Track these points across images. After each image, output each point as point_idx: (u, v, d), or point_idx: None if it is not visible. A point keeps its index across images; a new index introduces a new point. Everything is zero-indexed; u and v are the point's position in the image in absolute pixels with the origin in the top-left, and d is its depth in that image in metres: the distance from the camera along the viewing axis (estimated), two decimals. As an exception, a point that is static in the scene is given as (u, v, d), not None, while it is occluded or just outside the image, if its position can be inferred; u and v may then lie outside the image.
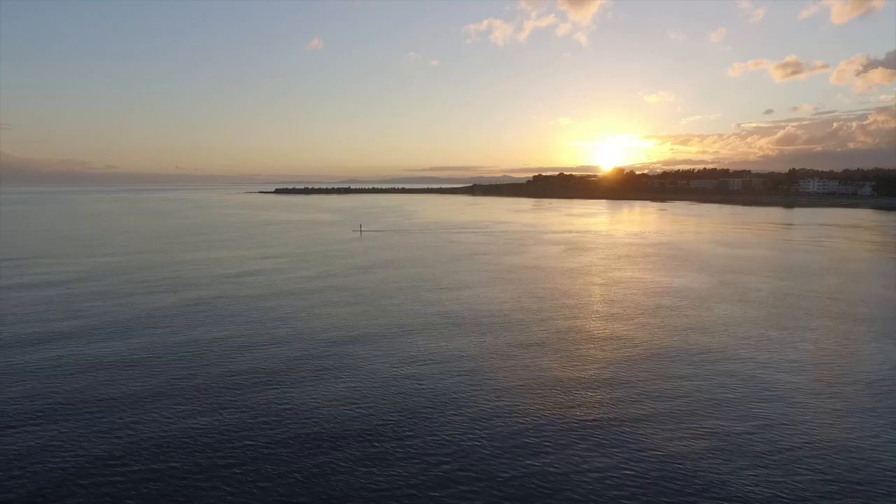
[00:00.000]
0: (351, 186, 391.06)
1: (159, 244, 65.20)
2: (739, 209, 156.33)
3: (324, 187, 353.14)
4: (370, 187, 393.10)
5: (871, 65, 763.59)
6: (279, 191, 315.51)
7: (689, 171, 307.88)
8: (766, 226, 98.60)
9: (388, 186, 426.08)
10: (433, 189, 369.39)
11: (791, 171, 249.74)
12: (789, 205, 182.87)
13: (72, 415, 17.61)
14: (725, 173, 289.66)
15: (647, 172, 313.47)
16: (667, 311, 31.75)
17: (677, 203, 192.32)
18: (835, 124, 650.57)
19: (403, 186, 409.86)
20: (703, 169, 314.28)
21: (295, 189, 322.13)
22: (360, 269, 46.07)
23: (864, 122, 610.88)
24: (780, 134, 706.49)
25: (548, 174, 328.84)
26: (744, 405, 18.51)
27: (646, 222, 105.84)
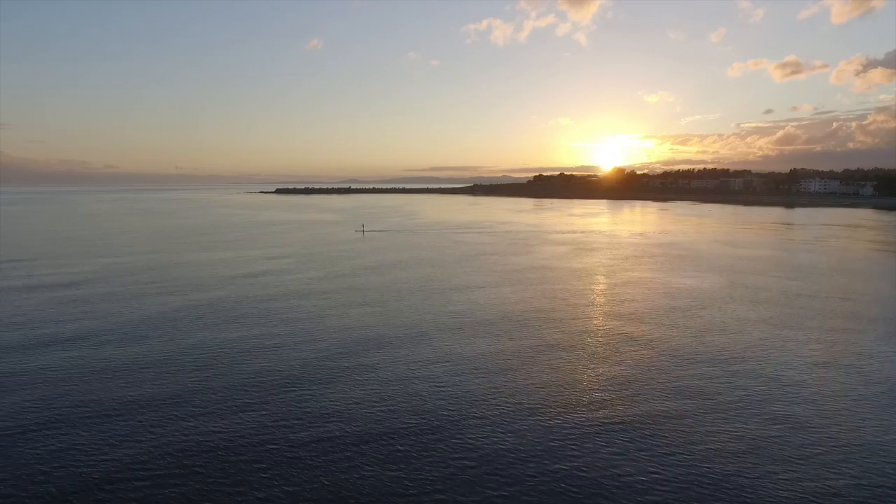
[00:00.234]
0: (351, 186, 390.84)
1: (164, 245, 64.98)
2: (741, 209, 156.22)
3: (324, 187, 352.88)
4: (371, 187, 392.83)
5: (870, 65, 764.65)
6: (280, 191, 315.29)
7: (689, 171, 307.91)
8: (769, 226, 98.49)
9: (388, 186, 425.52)
10: (434, 189, 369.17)
11: (792, 171, 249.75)
12: (790, 205, 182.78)
13: (91, 419, 17.43)
14: (726, 173, 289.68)
15: (647, 172, 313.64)
16: (680, 311, 31.59)
17: (678, 203, 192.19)
18: (834, 124, 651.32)
19: (404, 186, 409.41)
20: (704, 169, 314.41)
21: (295, 189, 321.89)
22: (369, 270, 45.89)
23: (864, 122, 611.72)
24: (779, 134, 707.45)
25: (548, 174, 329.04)
26: (769, 406, 18.35)
27: (649, 222, 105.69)
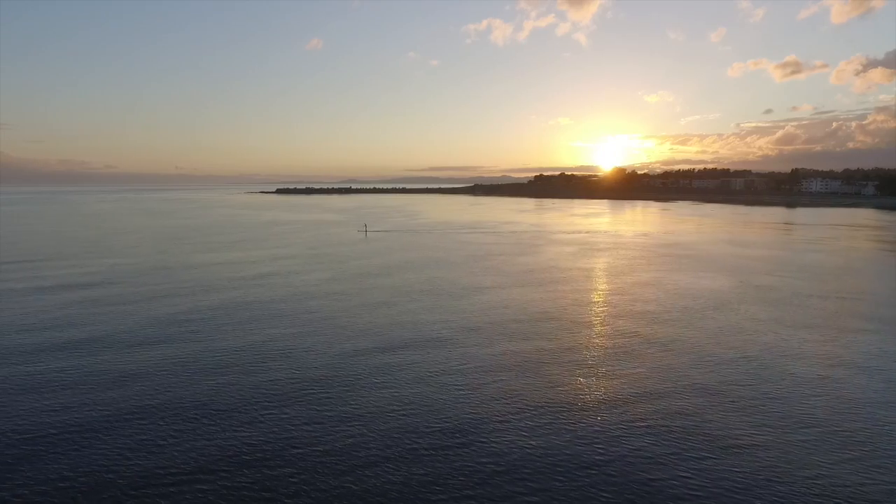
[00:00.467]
0: (352, 186, 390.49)
1: (169, 245, 64.79)
2: (743, 209, 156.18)
3: (325, 187, 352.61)
4: (371, 187, 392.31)
5: (870, 64, 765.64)
6: (280, 191, 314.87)
7: (690, 171, 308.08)
8: (772, 226, 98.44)
9: (388, 186, 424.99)
10: (434, 189, 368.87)
11: (794, 171, 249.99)
12: (792, 205, 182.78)
13: (112, 423, 17.26)
14: (726, 173, 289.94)
15: (647, 172, 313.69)
16: (694, 312, 31.43)
17: (680, 203, 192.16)
18: (834, 124, 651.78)
19: (404, 186, 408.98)
20: (704, 169, 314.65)
21: (296, 189, 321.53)
22: (377, 271, 45.72)
23: (864, 122, 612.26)
24: (779, 134, 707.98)
25: (549, 174, 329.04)
26: (791, 407, 18.19)
27: (653, 222, 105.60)
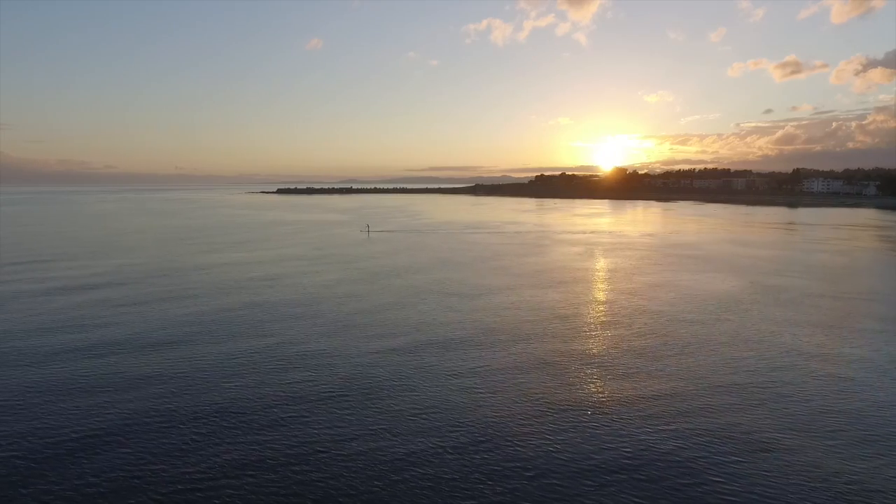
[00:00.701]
0: (353, 186, 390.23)
1: (175, 246, 64.63)
2: (746, 209, 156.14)
3: (325, 187, 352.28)
4: (372, 187, 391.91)
5: (870, 64, 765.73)
6: (281, 191, 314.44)
7: (690, 171, 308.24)
8: (776, 226, 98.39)
9: (389, 186, 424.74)
10: (435, 189, 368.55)
11: (795, 171, 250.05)
12: (794, 205, 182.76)
13: (134, 430, 17.07)
14: (727, 173, 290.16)
15: (647, 172, 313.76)
16: (710, 314, 31.28)
17: (681, 203, 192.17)
18: (834, 124, 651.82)
19: (405, 186, 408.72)
20: (705, 169, 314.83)
21: (297, 189, 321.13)
22: (387, 272, 45.57)
23: (864, 122, 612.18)
24: (779, 133, 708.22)
25: (550, 174, 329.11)
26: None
27: (657, 222, 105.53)
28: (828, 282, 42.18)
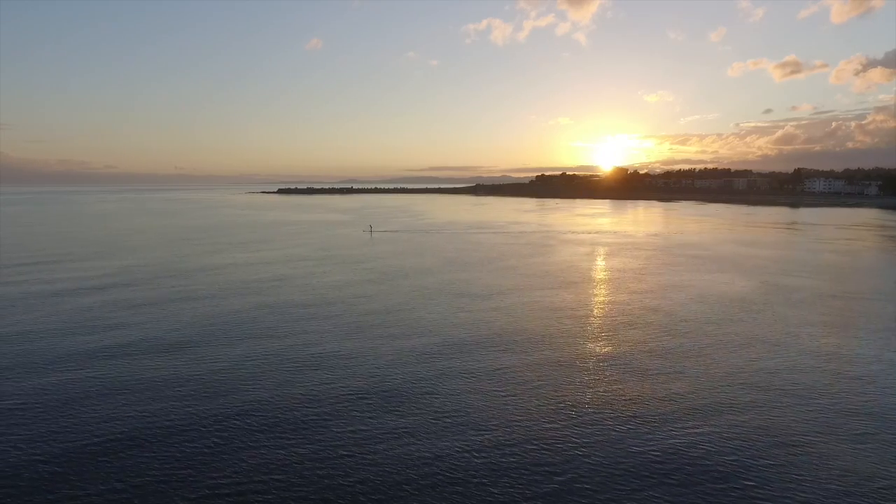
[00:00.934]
0: (353, 186, 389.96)
1: (181, 246, 64.40)
2: (748, 209, 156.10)
3: (326, 187, 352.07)
4: (372, 187, 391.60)
5: (870, 64, 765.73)
6: (282, 191, 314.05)
7: (691, 171, 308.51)
8: (781, 226, 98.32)
9: (389, 186, 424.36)
10: (436, 189, 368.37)
11: (796, 171, 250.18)
12: (795, 205, 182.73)
13: (156, 436, 16.86)
14: (728, 173, 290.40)
15: (647, 172, 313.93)
16: (725, 315, 31.12)
17: (683, 203, 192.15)
18: (833, 124, 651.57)
19: (405, 186, 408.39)
20: (705, 168, 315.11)
21: (297, 189, 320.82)
22: (396, 274, 45.38)
23: (863, 122, 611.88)
24: (778, 133, 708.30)
25: (550, 174, 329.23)
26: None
27: (660, 222, 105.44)
28: (837, 282, 42.08)
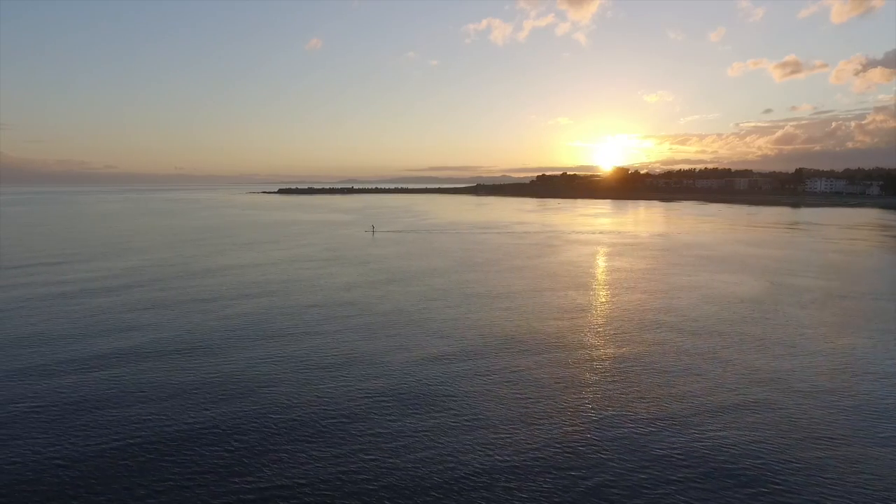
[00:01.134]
0: (354, 186, 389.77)
1: (186, 247, 64.16)
2: (749, 209, 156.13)
3: (326, 187, 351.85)
4: (373, 187, 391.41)
5: (870, 64, 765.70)
6: (282, 191, 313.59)
7: (692, 171, 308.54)
8: (785, 226, 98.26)
9: (389, 186, 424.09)
10: (437, 189, 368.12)
11: (798, 171, 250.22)
12: (797, 205, 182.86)
13: (180, 443, 16.66)
14: (728, 173, 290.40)
15: (647, 172, 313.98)
16: (739, 316, 30.96)
17: (684, 203, 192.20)
18: (833, 124, 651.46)
19: (406, 186, 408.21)
20: (705, 168, 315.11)
21: (298, 189, 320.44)
22: (406, 275, 45.19)
23: (863, 122, 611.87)
24: (778, 133, 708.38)
25: (551, 174, 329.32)
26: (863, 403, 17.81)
27: (663, 222, 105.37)
28: (846, 282, 41.98)
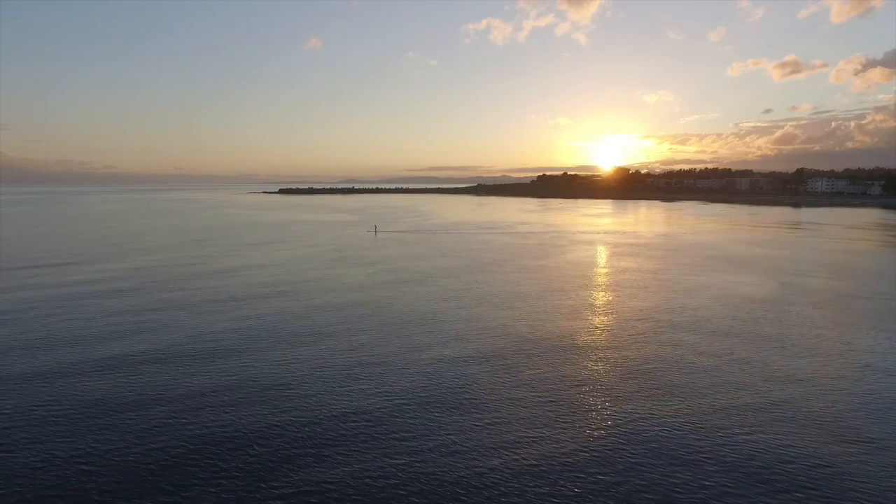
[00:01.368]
0: (354, 186, 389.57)
1: (193, 247, 64.04)
2: (751, 209, 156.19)
3: (327, 187, 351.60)
4: (374, 187, 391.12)
5: (869, 64, 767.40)
6: (283, 191, 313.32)
7: (692, 171, 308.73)
8: (789, 226, 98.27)
9: (390, 186, 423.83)
10: (438, 189, 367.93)
11: (799, 171, 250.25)
12: (798, 205, 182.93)
13: (200, 450, 16.54)
14: (729, 173, 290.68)
15: (648, 172, 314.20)
16: (752, 318, 30.89)
17: (685, 203, 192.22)
18: (833, 124, 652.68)
19: (406, 186, 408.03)
20: (705, 168, 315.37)
21: (299, 189, 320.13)
22: (416, 277, 45.07)
23: (863, 122, 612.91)
24: (778, 133, 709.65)
25: (552, 174, 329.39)
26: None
27: (667, 222, 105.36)
28: (858, 282, 41.98)
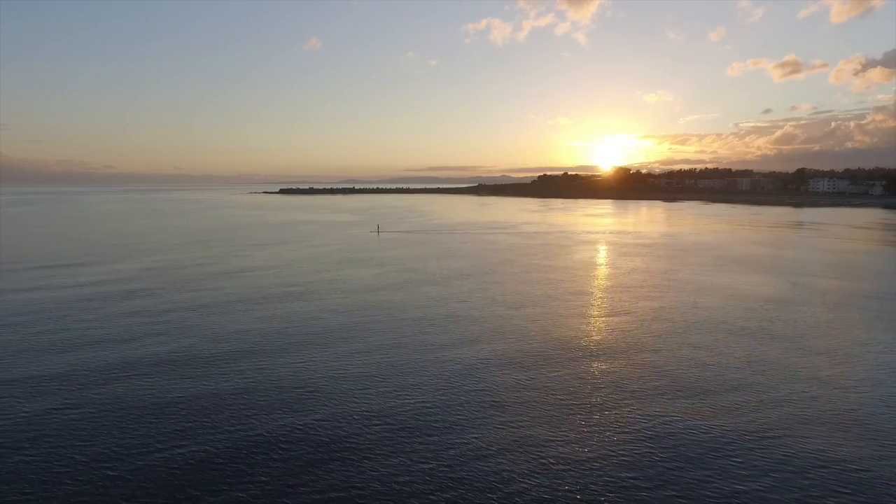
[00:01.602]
0: (354, 186, 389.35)
1: (197, 248, 63.88)
2: (753, 209, 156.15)
3: (327, 187, 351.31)
4: (374, 187, 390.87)
5: (869, 64, 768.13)
6: (284, 191, 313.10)
7: (693, 171, 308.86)
8: (793, 226, 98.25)
9: (390, 186, 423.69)
10: (438, 189, 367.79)
11: (799, 171, 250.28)
12: (799, 205, 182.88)
13: (224, 455, 16.42)
14: (730, 173, 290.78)
15: (648, 172, 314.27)
16: (766, 318, 30.85)
17: (686, 203, 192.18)
18: (833, 124, 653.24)
19: (407, 186, 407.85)
20: (705, 168, 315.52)
21: (299, 189, 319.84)
22: (425, 278, 44.91)
23: (862, 122, 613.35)
24: (778, 133, 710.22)
25: (552, 174, 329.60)
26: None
27: (669, 222, 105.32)
28: (868, 283, 41.92)
